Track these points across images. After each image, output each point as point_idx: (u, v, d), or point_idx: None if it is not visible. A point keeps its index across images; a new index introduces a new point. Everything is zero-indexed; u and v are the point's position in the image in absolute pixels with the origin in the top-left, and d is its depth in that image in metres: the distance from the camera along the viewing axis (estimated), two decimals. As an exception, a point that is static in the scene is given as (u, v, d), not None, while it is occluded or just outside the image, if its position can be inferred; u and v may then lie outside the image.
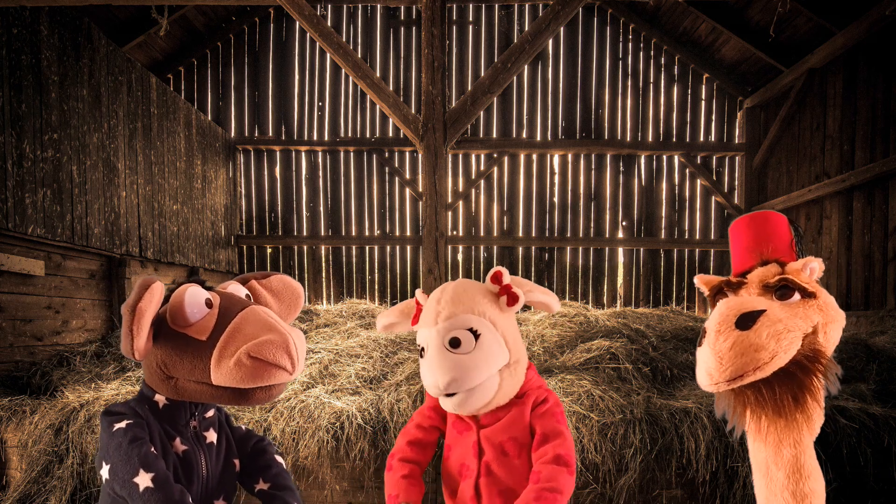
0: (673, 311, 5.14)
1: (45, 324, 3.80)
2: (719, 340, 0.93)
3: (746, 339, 0.92)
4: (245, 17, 6.68)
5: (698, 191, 6.87)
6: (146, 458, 1.11)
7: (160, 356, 1.19)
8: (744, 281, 1.09)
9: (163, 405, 1.23)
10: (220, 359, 1.13)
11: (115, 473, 1.12)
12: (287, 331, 1.17)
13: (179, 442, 1.24)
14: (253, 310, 1.20)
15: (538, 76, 6.86)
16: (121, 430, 1.14)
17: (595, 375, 3.09)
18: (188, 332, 1.17)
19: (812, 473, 1.02)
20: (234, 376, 1.12)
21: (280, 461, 1.43)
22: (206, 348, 1.15)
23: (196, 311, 1.18)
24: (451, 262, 6.84)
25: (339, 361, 3.45)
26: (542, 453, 1.31)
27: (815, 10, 5.20)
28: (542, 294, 1.42)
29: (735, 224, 1.21)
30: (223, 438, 1.35)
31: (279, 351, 1.12)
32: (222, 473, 1.33)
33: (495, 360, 1.30)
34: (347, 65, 3.78)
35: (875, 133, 4.85)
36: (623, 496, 2.62)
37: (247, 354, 1.11)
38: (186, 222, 5.51)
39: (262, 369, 1.12)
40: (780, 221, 1.16)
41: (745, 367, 0.92)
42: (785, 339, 0.93)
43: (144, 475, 1.09)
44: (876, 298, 4.77)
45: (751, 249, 1.14)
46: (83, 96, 3.94)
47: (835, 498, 2.55)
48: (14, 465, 2.88)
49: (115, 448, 1.13)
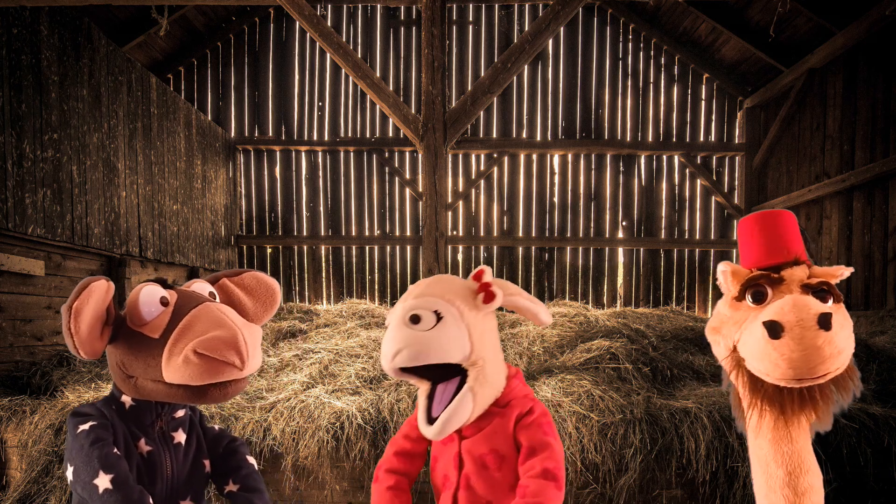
0: (673, 311, 5.14)
1: (45, 324, 3.80)
2: (808, 337, 0.93)
3: (832, 340, 0.93)
4: (245, 17, 6.68)
5: (698, 191, 6.87)
6: (107, 459, 1.11)
7: (119, 355, 1.19)
8: (783, 277, 1.07)
9: (129, 406, 1.24)
10: (169, 356, 1.13)
11: (77, 475, 1.12)
12: (238, 327, 1.15)
13: (144, 442, 1.23)
14: (206, 306, 1.19)
15: (538, 76, 6.86)
16: (84, 431, 1.14)
17: (595, 375, 3.09)
18: (143, 330, 1.17)
19: (811, 468, 1.03)
20: (183, 373, 1.12)
21: (251, 462, 1.42)
22: (158, 346, 1.15)
23: (151, 309, 1.17)
24: (451, 262, 6.84)
25: (339, 361, 3.45)
26: (529, 467, 1.27)
27: (815, 10, 5.20)
28: (526, 300, 1.37)
29: (746, 221, 1.18)
30: (193, 439, 1.35)
31: (226, 347, 1.11)
32: (190, 473, 1.32)
33: (451, 347, 1.25)
34: (347, 65, 3.78)
35: (875, 133, 4.85)
36: (623, 496, 2.62)
37: (193, 351, 1.11)
38: (186, 222, 5.51)
39: (210, 366, 1.11)
40: (792, 220, 1.15)
41: (830, 367, 0.94)
42: (850, 341, 0.97)
43: (104, 476, 1.09)
44: (876, 298, 4.77)
45: (772, 247, 1.12)
46: (83, 96, 3.94)
47: (835, 498, 2.55)
48: (14, 465, 2.88)
49: (77, 450, 1.13)
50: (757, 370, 1.01)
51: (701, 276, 6.87)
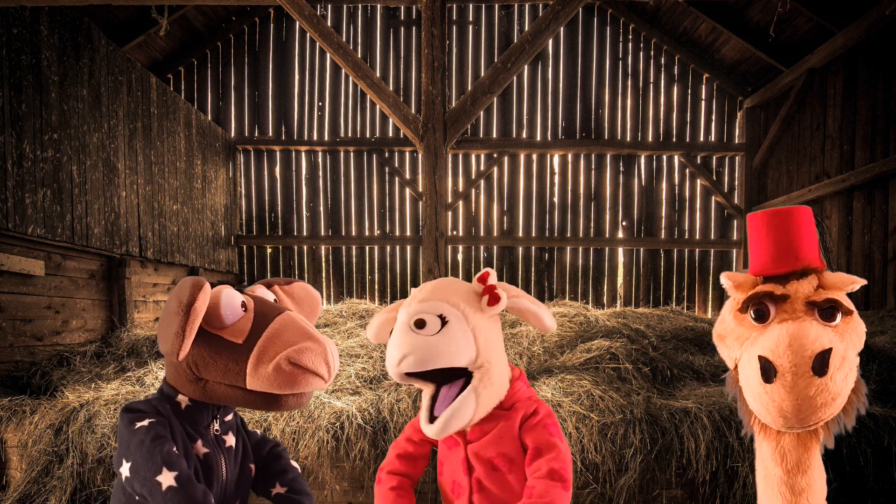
0: (673, 311, 5.13)
1: (45, 324, 3.80)
2: (800, 386, 0.90)
3: (827, 388, 0.90)
4: (245, 17, 6.68)
5: (698, 191, 6.87)
6: (169, 456, 1.10)
7: (192, 357, 1.17)
8: (787, 294, 1.01)
9: (185, 406, 1.22)
10: (258, 363, 1.12)
11: (136, 471, 1.10)
12: (325, 339, 1.17)
13: (201, 444, 1.22)
14: (290, 315, 1.20)
15: (538, 76, 6.86)
16: (143, 427, 1.12)
17: (595, 375, 3.09)
18: (223, 334, 1.16)
19: (809, 469, 1.01)
20: (271, 381, 1.11)
21: (295, 466, 1.43)
22: (242, 352, 1.14)
23: (231, 313, 1.17)
24: (451, 262, 6.84)
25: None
26: (535, 468, 1.26)
27: (815, 10, 5.20)
28: (531, 303, 1.36)
29: (757, 218, 1.08)
30: (240, 443, 1.35)
31: (318, 358, 1.13)
32: (239, 477, 1.32)
33: (457, 351, 1.25)
34: (347, 65, 3.78)
35: (875, 133, 4.85)
36: (623, 496, 2.62)
37: (287, 360, 1.11)
38: (186, 222, 5.51)
39: (299, 376, 1.12)
40: (808, 218, 1.06)
41: (824, 415, 0.91)
42: (850, 378, 0.93)
43: (168, 474, 1.08)
44: (876, 298, 4.78)
45: (781, 252, 1.05)
46: (83, 96, 3.94)
47: (835, 498, 2.55)
48: (14, 465, 2.88)
49: (136, 445, 1.10)
50: (752, 406, 0.99)
51: (701, 276, 6.87)
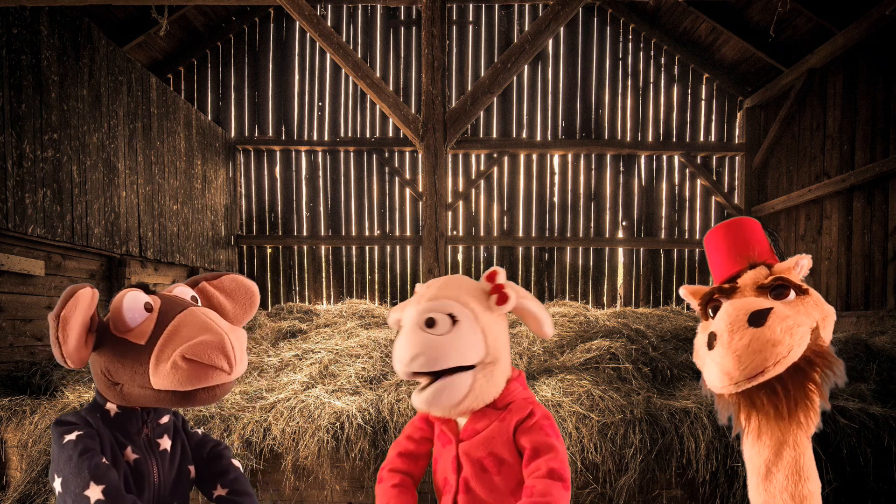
0: (673, 311, 5.14)
1: (45, 324, 3.80)
2: (734, 339, 0.92)
3: (762, 335, 0.91)
4: (245, 17, 6.68)
5: (698, 191, 6.87)
6: (97, 469, 1.10)
7: (103, 363, 1.18)
8: (735, 286, 1.07)
9: (114, 413, 1.22)
10: (157, 363, 1.13)
11: (66, 486, 1.10)
12: (224, 331, 1.16)
13: (131, 450, 1.22)
14: (191, 311, 1.19)
15: (538, 76, 6.86)
16: (71, 441, 1.13)
17: (595, 375, 3.09)
18: (128, 337, 1.17)
19: (811, 475, 1.02)
20: (171, 379, 1.12)
21: (237, 465, 1.42)
22: (145, 352, 1.15)
23: (135, 315, 1.17)
24: (451, 262, 6.84)
25: (339, 361, 3.45)
26: (534, 468, 1.26)
27: (815, 10, 5.20)
28: (536, 307, 1.36)
29: (711, 234, 1.19)
30: (178, 445, 1.34)
31: (214, 351, 1.12)
32: (176, 480, 1.32)
33: (468, 350, 1.25)
34: (347, 65, 3.78)
35: (875, 133, 4.85)
36: (623, 496, 2.62)
37: (181, 356, 1.11)
38: (186, 222, 5.51)
39: (198, 371, 1.11)
40: (755, 227, 1.15)
41: (766, 363, 0.91)
42: (797, 332, 0.93)
43: (95, 488, 1.08)
44: (876, 298, 4.77)
45: (733, 255, 1.13)
46: (83, 96, 3.94)
47: (835, 498, 2.55)
48: (14, 465, 2.88)
49: (65, 461, 1.11)
50: (710, 385, 1.00)
51: (701, 277, 6.87)
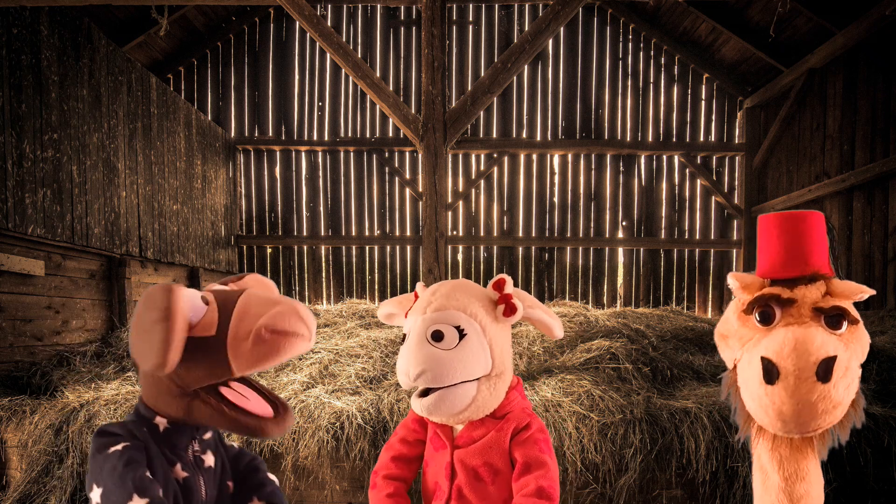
0: (673, 311, 5.14)
1: (45, 324, 3.80)
2: (802, 390, 0.89)
3: (828, 394, 0.88)
4: (245, 17, 6.68)
5: (698, 191, 6.87)
6: (141, 482, 1.05)
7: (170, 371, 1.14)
8: (794, 298, 1.00)
9: (163, 428, 1.17)
10: (236, 344, 1.09)
11: (106, 497, 1.06)
12: (291, 300, 1.14)
13: (180, 468, 1.18)
14: (250, 293, 1.17)
15: (538, 76, 6.86)
16: (117, 451, 1.08)
17: (595, 375, 3.09)
18: (194, 333, 1.12)
19: (808, 476, 1.00)
20: (256, 356, 1.08)
21: (273, 479, 1.40)
22: (219, 342, 1.10)
23: (195, 310, 1.13)
24: (451, 262, 6.84)
25: (339, 361, 3.45)
26: (523, 484, 1.24)
27: (815, 10, 5.20)
28: (545, 314, 1.34)
29: (768, 220, 1.07)
30: (219, 460, 1.31)
31: (293, 318, 1.09)
32: (218, 498, 1.29)
33: (475, 366, 1.23)
34: (347, 65, 3.78)
35: (875, 133, 4.85)
36: (623, 496, 2.62)
37: (264, 328, 1.07)
38: (186, 222, 5.51)
39: (281, 340, 1.08)
40: (819, 224, 1.05)
41: (824, 423, 0.90)
42: (853, 388, 0.92)
43: (139, 500, 1.03)
44: (876, 298, 4.78)
45: (791, 255, 1.04)
46: (83, 96, 3.94)
47: (835, 498, 2.55)
48: (14, 465, 2.88)
49: (108, 471, 1.06)
50: (749, 408, 0.98)
51: (701, 276, 6.87)
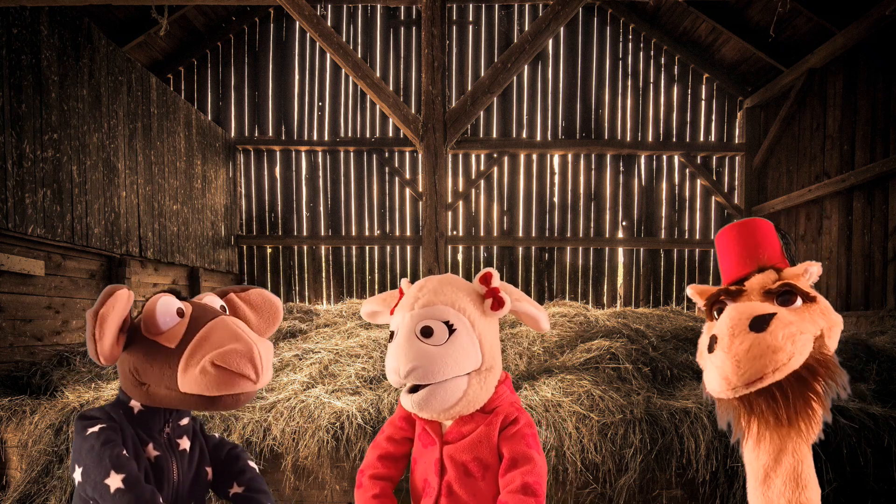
0: (673, 311, 5.13)
1: (45, 324, 3.80)
2: (735, 343, 0.91)
3: (763, 340, 0.90)
4: (245, 17, 6.68)
5: (698, 191, 6.87)
6: (118, 459, 1.14)
7: (132, 362, 1.22)
8: (742, 289, 1.06)
9: (138, 411, 1.26)
10: (186, 366, 1.16)
11: (87, 475, 1.14)
12: (253, 341, 1.19)
13: (152, 447, 1.26)
14: (222, 319, 1.23)
15: (538, 76, 6.86)
16: (94, 433, 1.17)
17: (595, 375, 3.09)
18: (159, 339, 1.20)
19: (809, 483, 1.01)
20: (199, 383, 1.15)
21: (254, 467, 1.46)
22: (174, 356, 1.18)
23: (167, 319, 1.21)
24: (451, 262, 6.84)
25: (339, 361, 3.45)
26: (509, 480, 1.23)
27: (815, 10, 5.21)
28: (531, 306, 1.34)
29: (722, 233, 1.17)
30: (196, 447, 1.38)
31: (243, 360, 1.15)
32: (193, 481, 1.36)
33: (465, 361, 1.23)
34: (347, 65, 3.78)
35: (875, 133, 4.85)
36: (623, 496, 2.62)
37: (211, 363, 1.14)
38: (186, 222, 5.51)
39: (226, 377, 1.15)
40: (768, 228, 1.14)
41: (765, 369, 0.90)
42: (799, 340, 0.91)
43: (115, 476, 1.12)
44: (876, 298, 4.77)
45: (743, 257, 1.11)
46: (83, 96, 3.94)
47: (835, 498, 2.55)
48: (14, 465, 2.88)
49: (87, 451, 1.15)
50: (709, 388, 0.99)
51: (701, 277, 6.87)
